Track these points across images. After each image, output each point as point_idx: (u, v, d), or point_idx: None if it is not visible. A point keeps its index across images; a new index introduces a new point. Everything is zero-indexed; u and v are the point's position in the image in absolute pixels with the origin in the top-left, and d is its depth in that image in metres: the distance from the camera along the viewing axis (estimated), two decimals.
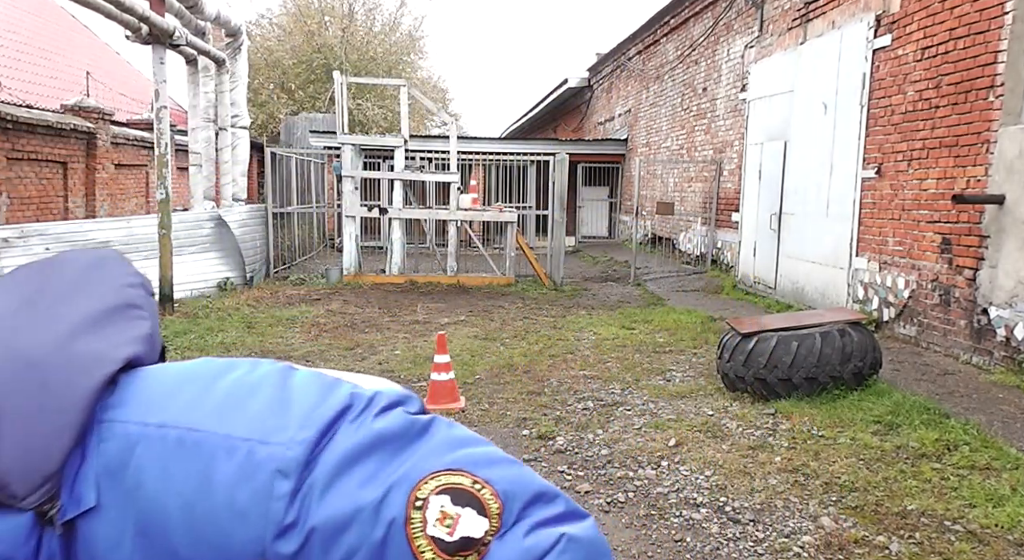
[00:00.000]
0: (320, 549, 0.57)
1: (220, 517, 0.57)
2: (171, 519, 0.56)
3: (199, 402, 0.61)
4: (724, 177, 12.35)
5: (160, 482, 0.57)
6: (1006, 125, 5.90)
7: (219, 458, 0.58)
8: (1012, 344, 5.73)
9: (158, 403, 0.61)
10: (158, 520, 0.57)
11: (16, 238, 8.41)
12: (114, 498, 0.57)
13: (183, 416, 0.60)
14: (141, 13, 8.36)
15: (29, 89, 12.89)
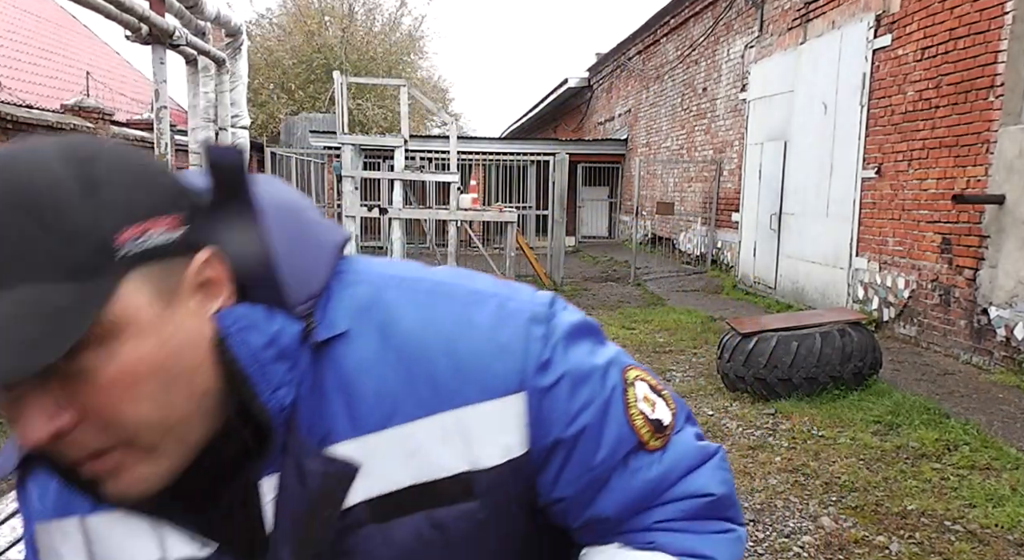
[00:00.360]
0: (567, 392, 0.66)
1: (483, 351, 0.65)
2: (431, 351, 0.64)
3: (430, 270, 0.72)
4: (724, 177, 12.35)
5: (417, 320, 0.65)
6: (1006, 125, 5.90)
7: (474, 304, 0.67)
8: (1012, 344, 5.74)
9: (391, 267, 0.71)
10: (415, 352, 0.64)
11: None
12: (364, 329, 0.65)
13: (425, 273, 0.71)
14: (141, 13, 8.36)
15: (29, 89, 12.89)
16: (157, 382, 0.56)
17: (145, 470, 0.58)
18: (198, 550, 0.64)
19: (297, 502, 0.63)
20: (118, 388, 0.54)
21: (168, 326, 0.56)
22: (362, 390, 0.63)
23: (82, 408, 0.54)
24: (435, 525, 0.65)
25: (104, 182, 0.53)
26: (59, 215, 0.50)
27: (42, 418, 0.53)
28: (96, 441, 0.56)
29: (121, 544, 0.66)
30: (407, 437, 0.64)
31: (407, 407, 0.64)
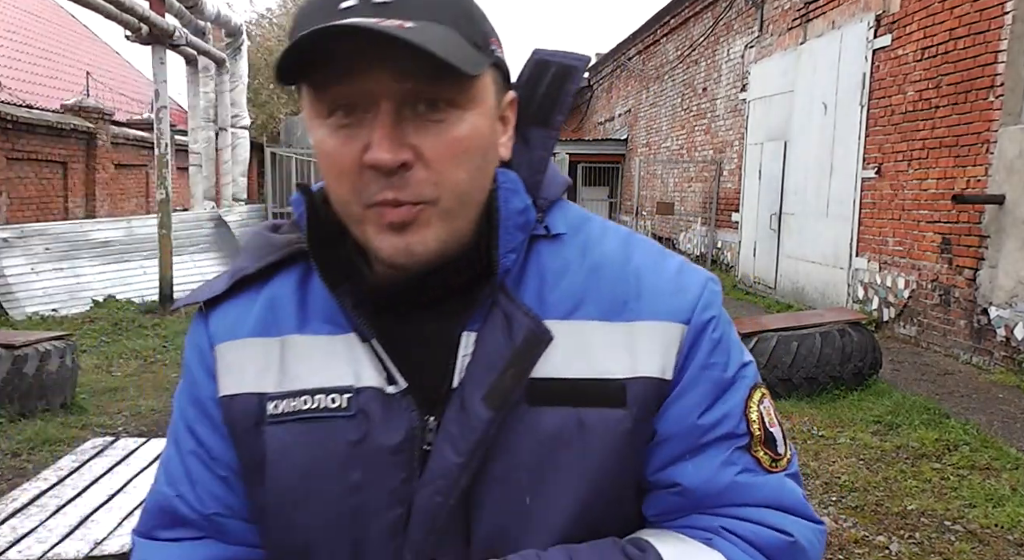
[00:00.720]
0: (711, 345, 0.73)
1: (665, 286, 0.74)
2: (621, 272, 0.74)
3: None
4: (724, 177, 12.35)
5: (616, 247, 0.76)
6: (1006, 125, 5.90)
7: (664, 254, 0.78)
8: (1012, 344, 5.74)
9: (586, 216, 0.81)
10: (607, 268, 0.74)
11: (16, 238, 8.41)
12: (571, 240, 0.75)
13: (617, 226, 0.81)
14: (141, 13, 8.37)
15: (29, 89, 12.89)
16: (476, 159, 0.67)
17: (434, 231, 0.67)
18: (385, 385, 0.71)
19: (499, 353, 0.69)
20: (455, 148, 0.65)
21: (492, 122, 0.70)
22: (555, 283, 0.73)
23: (420, 155, 0.64)
24: (580, 423, 0.70)
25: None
26: (475, 8, 0.68)
27: (394, 143, 0.63)
28: (412, 188, 0.65)
29: (318, 364, 0.73)
30: (581, 333, 0.71)
31: (588, 308, 0.72)
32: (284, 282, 0.78)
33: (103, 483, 3.03)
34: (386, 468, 0.70)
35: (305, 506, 0.72)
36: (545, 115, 0.77)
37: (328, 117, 0.66)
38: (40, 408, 4.72)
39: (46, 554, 2.41)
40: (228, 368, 0.77)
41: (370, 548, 0.71)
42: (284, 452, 0.72)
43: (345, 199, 0.68)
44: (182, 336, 7.38)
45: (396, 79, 0.62)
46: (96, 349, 6.73)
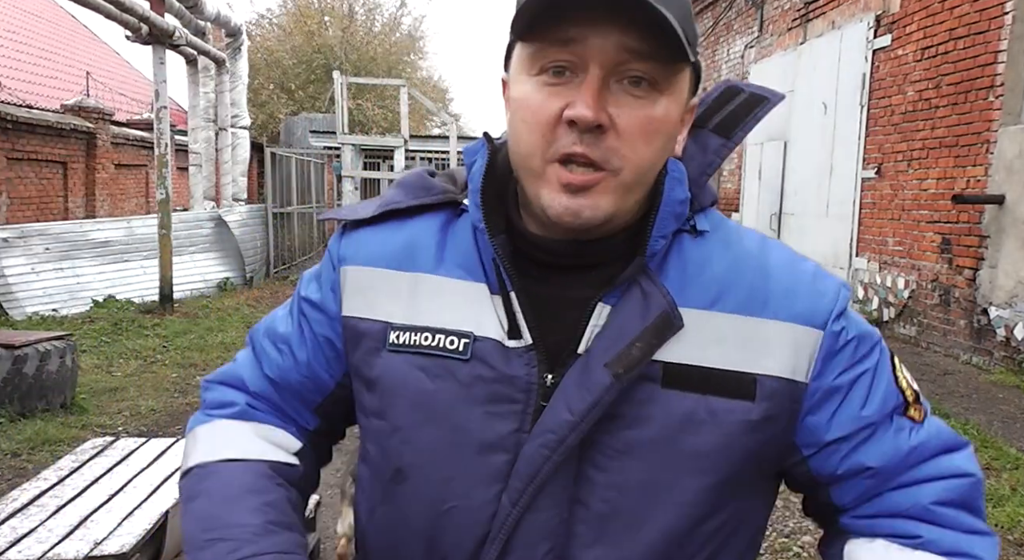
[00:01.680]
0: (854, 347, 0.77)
1: (803, 288, 0.77)
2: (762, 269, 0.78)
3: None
4: (724, 177, 12.35)
5: (757, 247, 0.80)
6: (1006, 125, 5.90)
7: (800, 258, 0.82)
8: (1012, 344, 5.74)
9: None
10: (749, 264, 0.78)
11: (16, 238, 8.41)
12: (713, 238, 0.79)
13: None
14: (141, 13, 8.36)
15: (29, 89, 12.89)
16: (662, 141, 0.72)
17: (608, 200, 0.71)
18: (506, 339, 0.75)
19: (630, 327, 0.73)
20: (648, 126, 0.70)
21: (681, 114, 0.75)
22: (696, 275, 0.77)
23: (615, 124, 0.69)
24: (709, 410, 0.73)
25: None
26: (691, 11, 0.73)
27: (598, 104, 0.67)
28: (601, 151, 0.69)
29: (444, 305, 0.78)
30: (720, 324, 0.75)
31: (728, 301, 0.76)
32: (429, 223, 0.83)
33: (103, 483, 3.03)
34: (496, 415, 0.74)
35: (406, 436, 0.77)
36: (728, 129, 0.82)
37: (537, 74, 0.71)
38: (40, 408, 4.72)
39: (46, 554, 2.41)
40: (356, 290, 0.83)
41: (467, 487, 0.74)
42: (397, 380, 0.77)
43: (531, 151, 0.72)
44: (183, 336, 7.38)
45: (615, 49, 0.67)
46: (96, 349, 6.73)
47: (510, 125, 0.75)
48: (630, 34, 0.66)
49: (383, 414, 0.79)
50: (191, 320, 8.20)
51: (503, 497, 0.73)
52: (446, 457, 0.75)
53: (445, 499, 0.75)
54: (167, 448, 3.50)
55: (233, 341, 7.25)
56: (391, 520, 0.79)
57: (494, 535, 0.73)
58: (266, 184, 12.66)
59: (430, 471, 0.76)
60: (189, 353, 6.77)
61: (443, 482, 0.75)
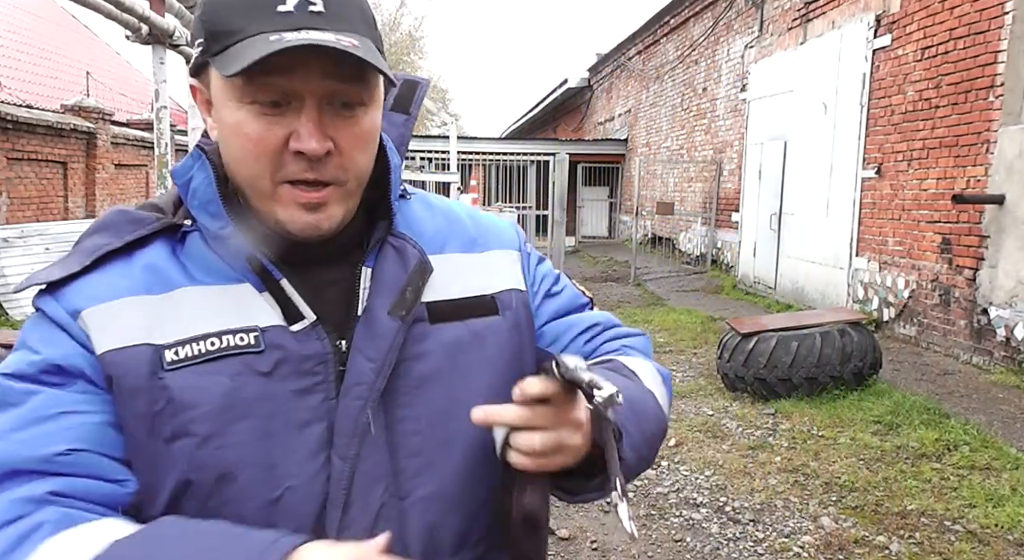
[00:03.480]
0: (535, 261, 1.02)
1: (493, 226, 0.98)
2: (459, 216, 0.96)
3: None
4: (724, 177, 12.34)
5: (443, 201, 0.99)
6: (1006, 125, 5.90)
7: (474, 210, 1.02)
8: (1012, 344, 5.73)
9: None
10: (449, 214, 0.96)
11: (16, 238, 8.41)
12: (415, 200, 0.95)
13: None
14: (141, 13, 8.36)
15: (29, 89, 12.89)
16: (374, 145, 0.81)
17: (339, 209, 0.79)
18: (286, 324, 0.79)
19: (395, 278, 0.84)
20: (362, 139, 0.78)
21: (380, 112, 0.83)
22: (422, 229, 0.91)
23: (336, 145, 0.76)
24: (473, 332, 0.87)
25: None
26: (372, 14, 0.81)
27: (320, 136, 0.74)
28: (329, 172, 0.76)
29: (216, 310, 0.78)
30: (453, 263, 0.90)
31: (452, 244, 0.92)
32: (154, 252, 0.81)
33: None
34: (302, 392, 0.78)
35: (222, 438, 0.75)
36: (403, 106, 0.95)
37: (250, 104, 0.74)
38: None
39: None
40: (104, 328, 0.76)
41: (294, 466, 0.77)
42: (196, 393, 0.75)
43: (258, 174, 0.76)
44: None
45: (323, 81, 0.74)
46: None
47: (225, 148, 0.78)
48: (331, 66, 0.73)
49: (186, 431, 0.74)
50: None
51: (332, 458, 0.78)
52: (267, 445, 0.76)
53: (277, 484, 0.76)
54: None
55: None
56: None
57: (334, 495, 0.77)
58: None
59: (254, 464, 0.76)
60: None
61: (270, 469, 0.76)
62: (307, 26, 0.72)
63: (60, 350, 0.76)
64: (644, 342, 1.04)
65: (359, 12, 0.77)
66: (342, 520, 0.77)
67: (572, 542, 3.36)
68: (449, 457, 0.83)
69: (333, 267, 0.84)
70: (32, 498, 0.69)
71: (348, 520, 0.78)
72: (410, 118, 0.96)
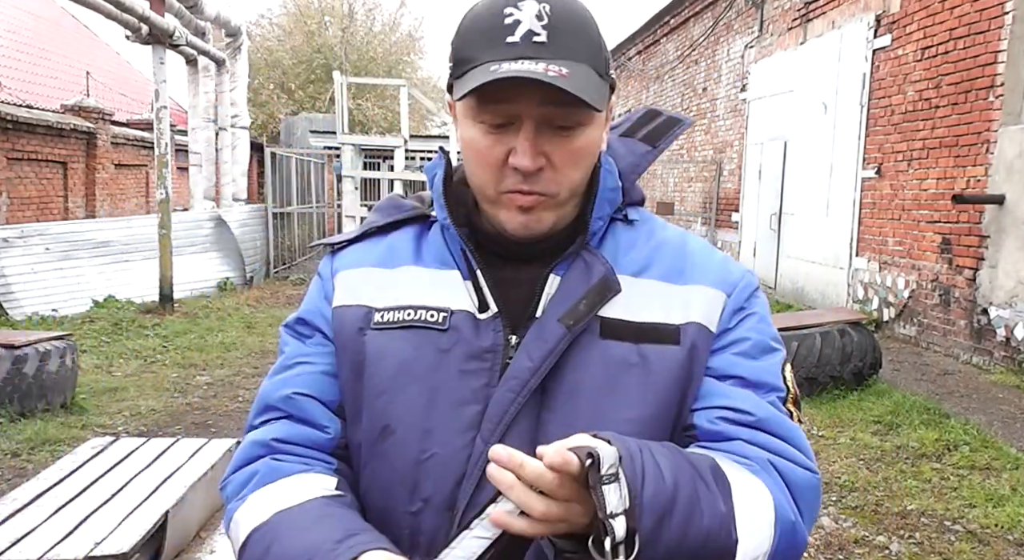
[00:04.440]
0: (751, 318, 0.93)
1: (716, 265, 0.95)
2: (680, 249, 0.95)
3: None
4: (724, 177, 12.35)
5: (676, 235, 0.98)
6: (1006, 125, 5.90)
7: (712, 247, 1.00)
8: (1012, 344, 5.73)
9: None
10: (668, 246, 0.95)
11: (16, 238, 8.41)
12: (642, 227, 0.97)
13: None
14: (141, 13, 8.36)
15: (29, 89, 12.89)
16: (589, 161, 0.87)
17: (550, 216, 0.87)
18: (476, 310, 0.89)
19: (576, 289, 0.88)
20: (576, 156, 0.85)
21: (603, 130, 0.90)
22: (627, 251, 0.94)
23: (550, 161, 0.83)
24: (641, 354, 0.87)
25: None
26: (603, 41, 0.87)
27: (534, 153, 0.82)
28: (542, 185, 0.84)
29: (424, 289, 0.91)
30: (648, 288, 0.91)
31: (654, 271, 0.93)
32: (405, 234, 0.98)
33: (103, 483, 3.03)
34: (469, 373, 0.87)
35: (391, 397, 0.88)
36: (653, 139, 0.99)
37: (480, 123, 0.84)
38: (40, 408, 4.72)
39: (46, 554, 2.41)
40: (346, 288, 0.95)
41: (444, 436, 0.85)
42: (382, 351, 0.89)
43: (484, 183, 0.87)
44: (183, 336, 7.38)
45: (540, 107, 0.81)
46: (96, 349, 6.73)
47: (464, 158, 0.89)
48: (551, 96, 0.79)
49: (370, 381, 0.89)
50: (191, 320, 8.20)
51: (476, 440, 0.84)
52: (426, 412, 0.86)
53: (426, 448, 0.86)
54: (167, 448, 3.50)
55: (233, 341, 7.25)
56: (380, 473, 0.89)
57: (470, 472, 0.84)
58: (266, 184, 12.66)
59: (412, 424, 0.86)
60: (189, 353, 6.77)
61: (424, 433, 0.86)
62: (528, 56, 0.79)
63: (311, 305, 0.98)
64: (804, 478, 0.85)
65: (583, 41, 0.83)
66: (472, 498, 0.83)
67: None
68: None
69: (527, 270, 0.91)
70: (262, 442, 0.91)
71: (477, 500, 0.82)
72: (653, 151, 1.00)
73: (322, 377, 0.93)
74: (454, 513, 0.84)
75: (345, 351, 0.92)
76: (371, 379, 0.89)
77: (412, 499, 0.86)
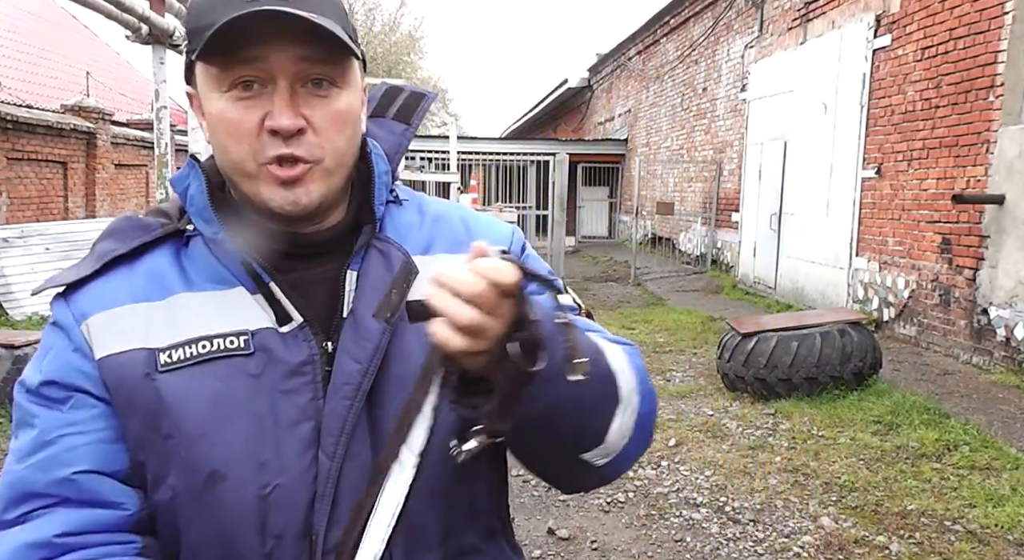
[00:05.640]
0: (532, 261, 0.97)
1: (487, 228, 0.97)
2: (453, 220, 0.97)
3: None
4: (724, 177, 12.35)
5: (443, 206, 1.00)
6: (1006, 125, 5.90)
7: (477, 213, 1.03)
8: (1012, 344, 5.74)
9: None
10: (442, 219, 0.96)
11: (16, 238, 8.41)
12: (411, 206, 0.96)
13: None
14: (141, 13, 8.35)
15: (29, 89, 12.89)
16: (351, 128, 0.84)
17: (317, 186, 0.81)
18: (278, 326, 0.83)
19: (380, 280, 0.86)
20: (336, 119, 0.81)
21: (359, 101, 0.86)
22: (408, 232, 0.92)
23: (311, 123, 0.79)
24: None
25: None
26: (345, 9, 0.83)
27: (292, 113, 0.78)
28: (304, 148, 0.79)
29: (210, 315, 0.83)
30: (437, 263, 0.89)
31: (438, 245, 0.93)
32: (159, 257, 0.87)
33: None
34: (290, 392, 0.81)
35: (212, 439, 0.79)
36: (406, 116, 0.98)
37: (227, 91, 0.78)
38: None
39: None
40: (108, 334, 0.82)
41: (283, 462, 0.79)
42: (186, 393, 0.79)
43: (241, 158, 0.80)
44: None
45: (293, 60, 0.77)
46: None
47: (213, 138, 0.82)
48: (302, 46, 0.76)
49: (177, 430, 0.78)
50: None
51: (320, 456, 0.79)
52: (257, 443, 0.79)
53: (266, 481, 0.79)
54: None
55: None
56: (213, 523, 0.79)
57: (321, 492, 0.79)
58: None
59: (244, 461, 0.79)
60: None
61: (260, 467, 0.79)
62: (276, 4, 0.75)
63: (58, 363, 0.82)
64: (632, 350, 0.96)
65: (329, 1, 0.80)
66: (331, 516, 0.79)
67: (572, 542, 3.37)
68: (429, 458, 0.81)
69: (320, 270, 0.87)
70: (41, 542, 0.76)
71: (336, 516, 0.79)
72: (410, 128, 0.98)
73: (100, 446, 0.79)
74: (314, 538, 0.79)
75: (132, 405, 0.79)
76: (180, 426, 0.78)
77: (263, 539, 0.78)
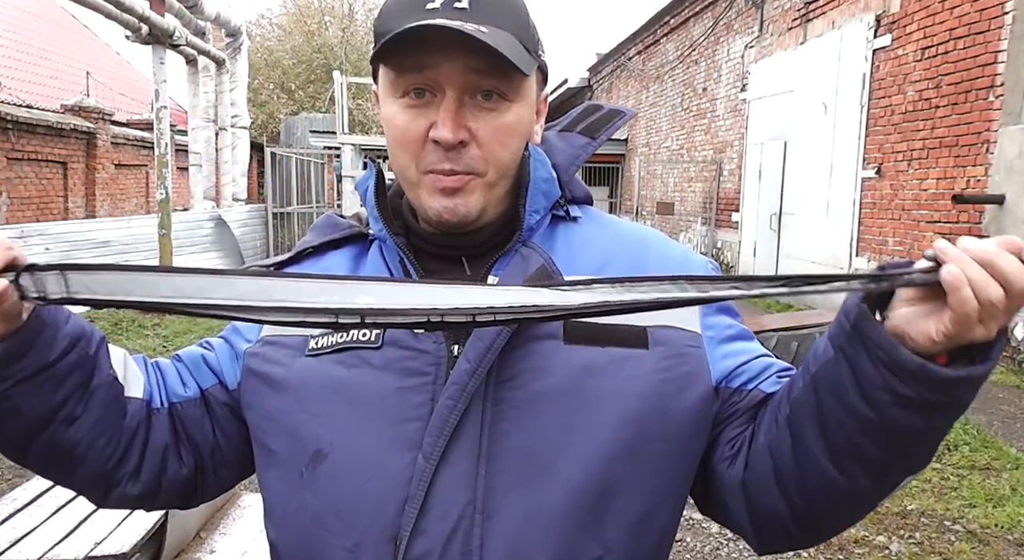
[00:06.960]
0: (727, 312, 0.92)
1: (681, 257, 0.93)
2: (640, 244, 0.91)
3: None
4: (724, 177, 12.35)
5: (632, 228, 0.96)
6: (1006, 125, 5.90)
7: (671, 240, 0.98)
8: (1012, 344, 5.73)
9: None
10: (628, 241, 0.91)
11: (16, 238, 8.41)
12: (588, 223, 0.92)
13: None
14: (141, 13, 8.36)
15: (29, 89, 12.89)
16: (517, 142, 0.83)
17: (476, 197, 0.81)
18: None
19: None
20: (502, 133, 0.80)
21: (531, 113, 0.86)
22: (580, 251, 0.89)
23: (475, 136, 0.79)
24: (609, 357, 0.81)
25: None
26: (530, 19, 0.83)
27: (455, 125, 0.78)
28: (464, 162, 0.79)
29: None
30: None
31: (613, 268, 0.87)
32: (341, 256, 0.93)
33: None
34: (408, 389, 0.80)
35: (323, 418, 0.81)
36: (592, 132, 0.97)
37: (401, 97, 0.80)
38: None
39: (46, 554, 2.41)
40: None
41: (383, 459, 0.79)
42: (312, 377, 0.83)
43: (406, 164, 0.82)
44: (183, 336, 7.38)
45: (463, 72, 0.77)
46: None
47: (387, 141, 0.84)
48: (472, 58, 0.76)
49: (298, 406, 0.83)
50: (191, 320, 8.20)
51: (418, 458, 0.77)
52: (363, 431, 0.80)
53: (363, 472, 0.78)
54: None
55: None
56: (309, 505, 0.81)
57: (412, 494, 0.76)
58: (266, 184, 12.67)
59: (348, 446, 0.80)
60: None
61: (361, 455, 0.79)
62: (451, 18, 0.75)
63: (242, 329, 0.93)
64: None
65: (508, 11, 0.80)
66: (417, 523, 0.76)
67: None
68: (550, 485, 0.77)
69: (471, 272, 0.87)
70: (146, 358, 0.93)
71: (424, 524, 0.75)
72: (593, 143, 0.96)
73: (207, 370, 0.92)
74: (397, 544, 0.76)
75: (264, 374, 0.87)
76: (303, 404, 0.83)
77: (348, 533, 0.78)
